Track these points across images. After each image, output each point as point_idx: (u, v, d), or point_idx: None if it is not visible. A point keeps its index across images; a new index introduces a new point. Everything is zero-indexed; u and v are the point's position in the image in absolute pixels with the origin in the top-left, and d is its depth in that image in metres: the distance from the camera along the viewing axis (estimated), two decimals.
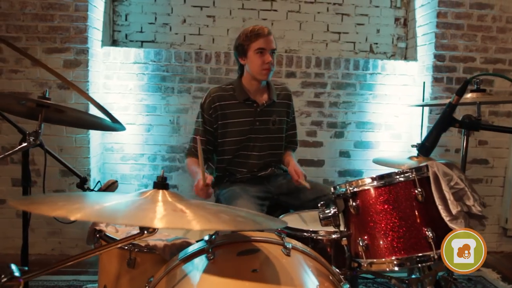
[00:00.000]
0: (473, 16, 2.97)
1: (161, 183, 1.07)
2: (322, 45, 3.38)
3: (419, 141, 3.17)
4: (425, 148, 1.14)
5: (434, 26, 2.97)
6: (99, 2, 2.95)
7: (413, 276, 1.24)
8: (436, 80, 3.00)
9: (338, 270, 1.27)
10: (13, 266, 0.86)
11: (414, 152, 1.78)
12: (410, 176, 1.11)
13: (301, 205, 1.99)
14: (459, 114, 1.20)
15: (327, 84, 3.18)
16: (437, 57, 2.98)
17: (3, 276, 0.81)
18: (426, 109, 2.97)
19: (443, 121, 1.12)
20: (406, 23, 3.42)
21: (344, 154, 3.26)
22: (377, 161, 2.05)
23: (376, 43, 3.42)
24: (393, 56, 3.44)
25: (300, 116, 3.17)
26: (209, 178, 1.69)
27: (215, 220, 0.94)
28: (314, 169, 3.23)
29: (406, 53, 3.44)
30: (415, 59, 3.25)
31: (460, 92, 1.11)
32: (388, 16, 3.40)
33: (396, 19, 3.42)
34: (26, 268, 0.89)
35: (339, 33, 3.39)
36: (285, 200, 2.05)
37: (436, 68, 2.99)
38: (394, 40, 3.44)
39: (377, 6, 3.38)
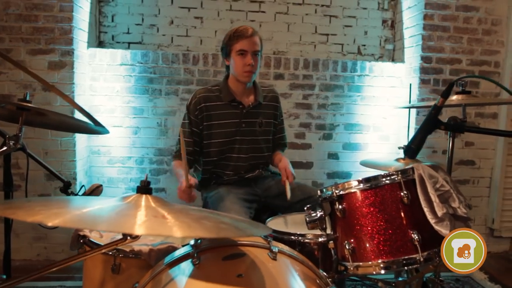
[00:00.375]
0: (459, 19, 3.01)
1: (144, 188, 1.05)
2: (310, 47, 3.39)
3: (406, 143, 3.19)
4: (411, 150, 1.14)
5: (421, 28, 2.99)
6: (85, 2, 2.91)
7: (400, 279, 1.23)
8: (423, 81, 3.02)
9: (325, 274, 1.26)
10: None
11: (401, 154, 1.78)
12: (396, 178, 1.11)
13: (289, 207, 1.98)
14: (445, 116, 1.21)
15: (315, 86, 3.18)
16: (424, 59, 3.01)
17: None
18: (413, 110, 2.99)
19: (429, 123, 1.12)
20: (393, 25, 3.44)
21: (333, 156, 3.26)
22: (364, 163, 2.05)
23: (364, 45, 3.44)
24: (380, 58, 3.46)
25: (289, 118, 3.16)
26: (193, 180, 1.67)
27: (197, 226, 0.93)
28: (302, 171, 3.22)
29: (394, 55, 3.46)
30: (402, 61, 3.27)
31: (445, 94, 1.12)
32: (376, 18, 3.42)
33: (384, 21, 3.44)
34: (4, 276, 0.87)
35: (327, 34, 3.39)
36: (272, 202, 2.04)
37: (423, 70, 3.02)
38: (382, 42, 3.46)
39: (364, 8, 3.40)
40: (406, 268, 1.10)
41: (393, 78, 3.23)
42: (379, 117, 3.26)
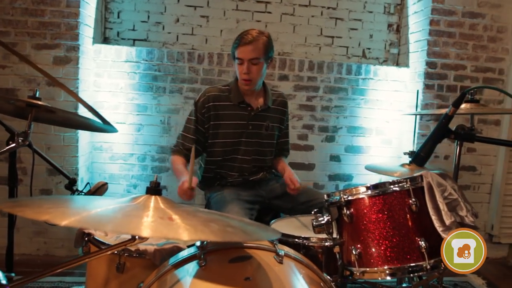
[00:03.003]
0: (465, 25, 3.01)
1: (154, 189, 1.05)
2: (315, 49, 3.39)
3: (410, 148, 3.18)
4: (420, 158, 1.14)
5: (427, 34, 2.99)
6: None
7: (404, 285, 1.23)
8: (427, 87, 3.02)
9: (329, 277, 1.27)
10: (0, 274, 0.83)
11: (406, 159, 1.79)
12: (405, 186, 1.12)
13: (292, 208, 1.99)
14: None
15: (320, 88, 3.18)
16: (429, 64, 3.01)
17: None
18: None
19: (439, 131, 1.13)
20: (399, 29, 3.45)
21: (335, 158, 3.26)
22: (369, 168, 2.05)
23: (369, 48, 3.44)
24: (385, 62, 3.46)
25: (292, 120, 3.16)
26: (195, 181, 1.66)
27: (204, 229, 0.93)
28: (304, 173, 3.23)
29: (398, 59, 3.46)
30: (407, 65, 3.27)
31: (457, 104, 1.12)
32: (381, 21, 3.42)
33: (389, 25, 3.44)
34: (13, 275, 0.87)
35: (332, 37, 3.39)
36: (276, 203, 2.04)
37: (427, 75, 3.02)
38: (387, 45, 3.46)
39: (370, 12, 3.40)
40: (415, 274, 1.10)
41: (397, 82, 3.23)
42: (382, 121, 3.26)
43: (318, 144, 3.24)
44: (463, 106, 1.61)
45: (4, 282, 0.80)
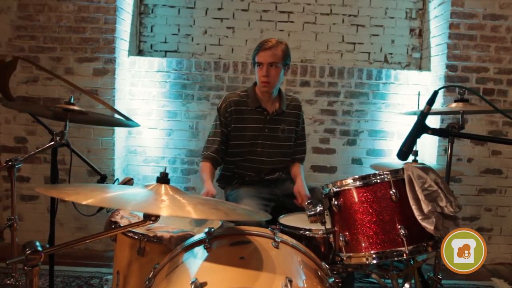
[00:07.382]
0: (487, 27, 3.01)
1: (163, 178, 1.23)
2: (337, 55, 3.49)
3: (434, 150, 3.17)
4: (402, 153, 1.25)
5: (447, 37, 3.02)
6: (127, 15, 3.19)
7: (394, 272, 1.33)
8: (448, 90, 3.04)
9: (327, 265, 1.38)
10: (37, 242, 1.03)
11: (410, 158, 1.86)
12: (386, 178, 1.22)
13: (303, 209, 2.10)
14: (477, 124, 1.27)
15: (340, 93, 3.28)
16: (449, 67, 3.03)
17: (27, 249, 0.99)
18: (438, 118, 3.01)
19: (417, 128, 1.23)
20: (421, 33, 3.48)
21: (357, 161, 3.34)
22: (375, 166, 2.14)
23: (391, 53, 3.50)
24: (407, 66, 3.50)
25: (314, 124, 3.28)
26: (211, 194, 1.92)
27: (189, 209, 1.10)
28: (326, 175, 3.32)
29: (421, 63, 3.49)
30: (429, 69, 3.30)
31: (430, 102, 1.21)
32: (403, 27, 3.47)
33: (411, 30, 3.48)
34: (48, 245, 1.07)
35: (354, 43, 3.49)
36: (289, 202, 2.17)
37: (448, 78, 3.03)
38: (409, 50, 3.50)
39: (392, 17, 3.46)
40: (395, 259, 1.20)
41: (418, 86, 3.26)
42: (404, 125, 3.29)
43: (339, 147, 3.33)
44: (453, 105, 1.67)
45: (39, 248, 0.99)
